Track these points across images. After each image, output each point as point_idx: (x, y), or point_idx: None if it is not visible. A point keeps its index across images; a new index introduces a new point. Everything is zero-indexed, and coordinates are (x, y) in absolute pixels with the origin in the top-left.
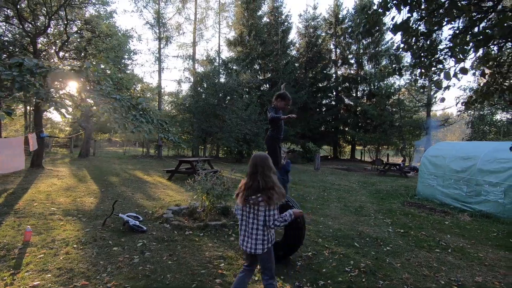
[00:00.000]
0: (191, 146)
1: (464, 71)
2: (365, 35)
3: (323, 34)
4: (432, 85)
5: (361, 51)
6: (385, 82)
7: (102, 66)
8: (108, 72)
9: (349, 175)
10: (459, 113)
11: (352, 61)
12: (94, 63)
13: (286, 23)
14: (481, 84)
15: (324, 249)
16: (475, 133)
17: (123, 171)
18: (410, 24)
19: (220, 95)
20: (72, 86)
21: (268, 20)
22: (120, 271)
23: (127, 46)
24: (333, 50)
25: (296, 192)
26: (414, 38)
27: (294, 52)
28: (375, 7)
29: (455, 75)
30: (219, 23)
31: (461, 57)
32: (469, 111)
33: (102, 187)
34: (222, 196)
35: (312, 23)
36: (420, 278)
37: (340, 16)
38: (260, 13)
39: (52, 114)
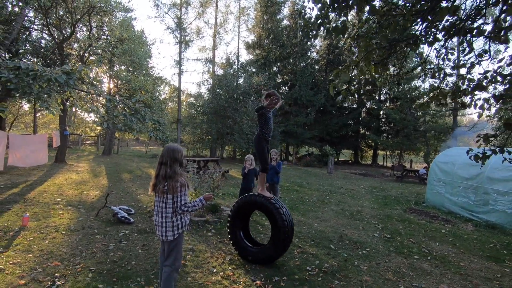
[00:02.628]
0: (208, 146)
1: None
2: (310, 38)
3: (345, 36)
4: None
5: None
6: (409, 85)
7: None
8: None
9: (363, 180)
10: (487, 118)
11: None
12: (86, 65)
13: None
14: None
15: (296, 248)
16: (503, 140)
17: (137, 169)
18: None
19: (234, 96)
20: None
21: (288, 23)
22: (93, 256)
23: (141, 51)
24: (356, 52)
25: (296, 194)
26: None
27: (314, 55)
28: (316, 12)
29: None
30: (239, 26)
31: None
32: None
33: (111, 182)
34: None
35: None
36: (379, 282)
37: (363, 17)
38: (280, 16)
39: (84, 115)
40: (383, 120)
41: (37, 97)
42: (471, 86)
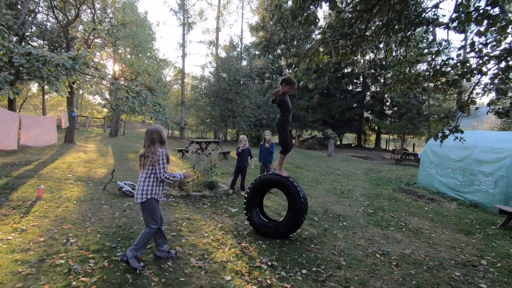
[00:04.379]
0: (212, 128)
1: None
2: (285, 28)
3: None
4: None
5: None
6: (415, 68)
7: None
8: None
9: (362, 162)
10: (489, 106)
11: (381, 45)
12: (90, 51)
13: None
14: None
15: None
16: (506, 124)
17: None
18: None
19: (237, 78)
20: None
21: (292, 4)
22: (101, 221)
23: (143, 34)
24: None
25: (293, 175)
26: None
27: (319, 37)
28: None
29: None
30: (242, 8)
31: None
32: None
33: (117, 161)
34: (208, 171)
35: (341, 6)
36: (351, 247)
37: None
38: None
39: (91, 98)
40: (387, 103)
41: (47, 81)
42: (431, 72)
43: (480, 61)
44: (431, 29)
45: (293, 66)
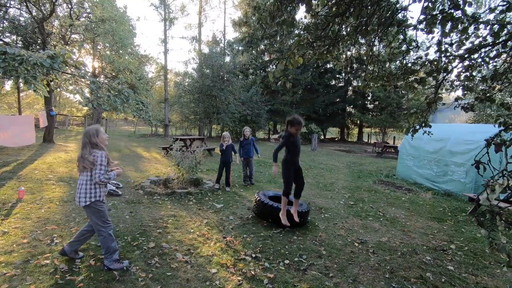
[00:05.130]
0: (196, 125)
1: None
2: (264, 30)
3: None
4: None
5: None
6: (395, 63)
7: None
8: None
9: (345, 156)
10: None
11: (362, 41)
12: (68, 49)
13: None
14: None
15: None
16: (478, 116)
17: (126, 148)
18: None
19: (221, 74)
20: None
21: None
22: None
23: (123, 31)
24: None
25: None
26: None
27: (302, 32)
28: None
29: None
30: (225, 3)
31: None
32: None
33: None
34: (192, 168)
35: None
36: (332, 237)
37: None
38: None
39: (70, 96)
40: (368, 98)
41: (24, 80)
42: (403, 70)
43: (446, 60)
44: (401, 30)
45: (277, 62)
